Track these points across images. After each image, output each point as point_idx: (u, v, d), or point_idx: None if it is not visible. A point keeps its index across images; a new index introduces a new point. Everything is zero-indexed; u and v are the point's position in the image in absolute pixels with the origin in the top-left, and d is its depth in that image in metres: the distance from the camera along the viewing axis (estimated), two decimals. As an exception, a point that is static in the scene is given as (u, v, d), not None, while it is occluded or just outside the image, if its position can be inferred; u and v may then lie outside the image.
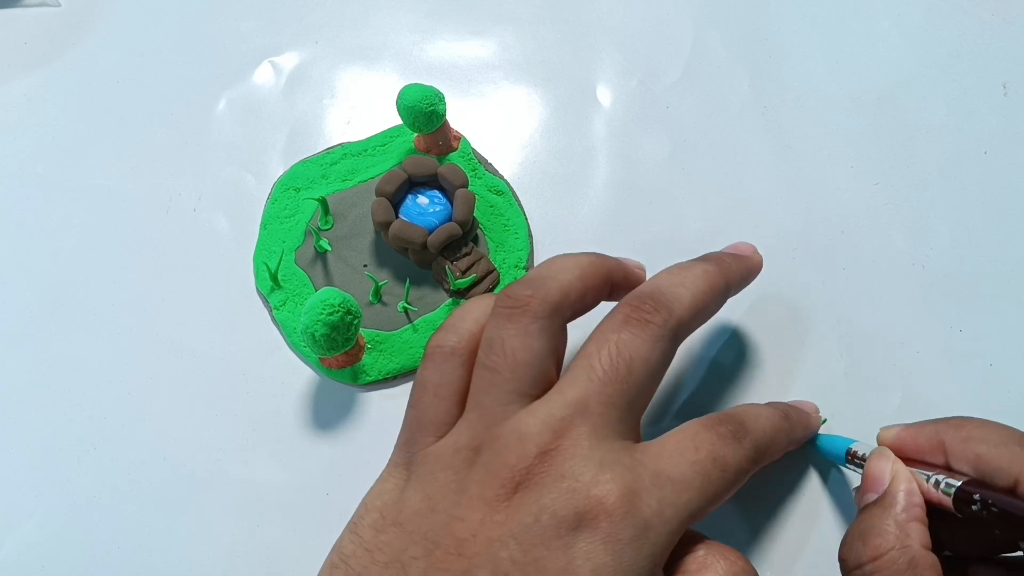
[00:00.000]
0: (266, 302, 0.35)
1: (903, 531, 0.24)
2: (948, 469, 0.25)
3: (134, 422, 0.33)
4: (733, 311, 0.35)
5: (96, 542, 0.31)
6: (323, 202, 0.35)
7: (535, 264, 0.36)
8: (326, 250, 0.35)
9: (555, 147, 0.38)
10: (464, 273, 0.34)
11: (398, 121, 0.37)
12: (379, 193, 0.34)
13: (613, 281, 0.28)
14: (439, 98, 0.35)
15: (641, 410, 0.25)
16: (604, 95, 0.40)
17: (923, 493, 0.25)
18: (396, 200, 0.35)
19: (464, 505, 0.23)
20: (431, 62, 0.40)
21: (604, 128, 0.39)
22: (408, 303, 0.34)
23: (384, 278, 0.35)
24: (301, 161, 0.37)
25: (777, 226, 0.37)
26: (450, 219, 0.34)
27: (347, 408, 0.33)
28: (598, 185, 0.38)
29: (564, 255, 0.27)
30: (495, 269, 0.35)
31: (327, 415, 0.33)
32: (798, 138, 0.39)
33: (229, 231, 0.36)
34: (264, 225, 0.36)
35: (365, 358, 0.34)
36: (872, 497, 0.26)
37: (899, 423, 0.28)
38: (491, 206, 0.36)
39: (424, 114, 0.34)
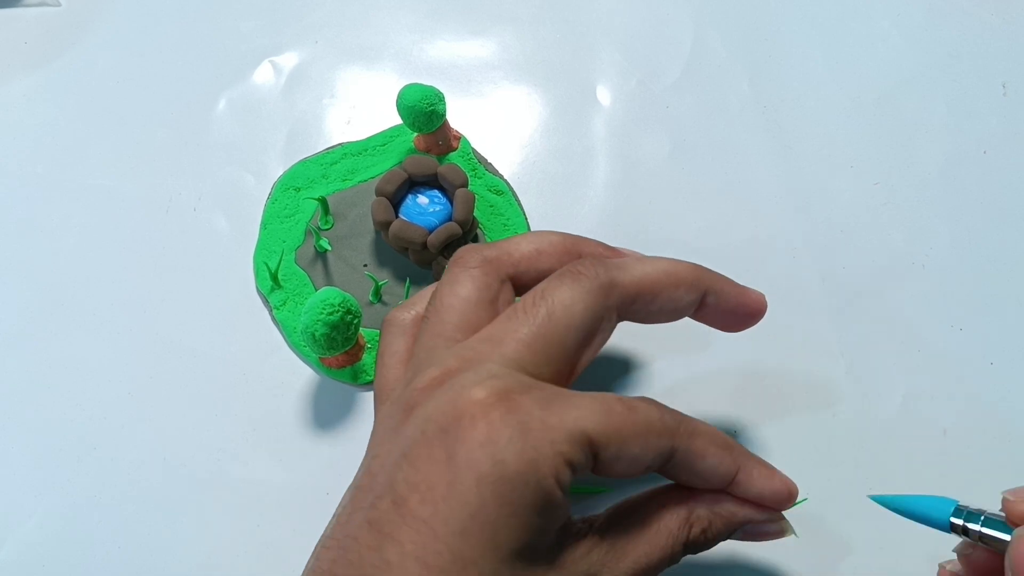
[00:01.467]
0: (266, 302, 0.35)
1: None
2: None
3: (134, 422, 0.33)
4: (733, 311, 0.35)
5: (96, 542, 0.31)
6: (323, 202, 0.35)
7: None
8: (326, 250, 0.35)
9: (555, 147, 0.38)
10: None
11: (398, 121, 0.37)
12: (379, 193, 0.34)
13: (582, 252, 0.27)
14: (439, 98, 0.35)
15: (564, 363, 0.24)
16: (604, 95, 0.40)
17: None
18: (396, 200, 0.35)
19: (376, 441, 0.24)
20: (431, 62, 0.40)
21: (604, 128, 0.39)
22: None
23: (384, 278, 0.35)
24: (301, 161, 0.37)
25: (777, 226, 0.37)
26: (450, 219, 0.34)
27: (347, 408, 0.33)
28: (598, 185, 0.38)
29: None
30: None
31: (327, 415, 0.33)
32: (798, 138, 0.39)
33: (229, 231, 0.36)
34: (264, 225, 0.36)
35: (365, 357, 0.34)
36: None
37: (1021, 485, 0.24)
38: (491, 206, 0.36)
39: (424, 114, 0.34)
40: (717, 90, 0.40)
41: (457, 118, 0.39)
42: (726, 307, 0.27)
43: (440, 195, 0.35)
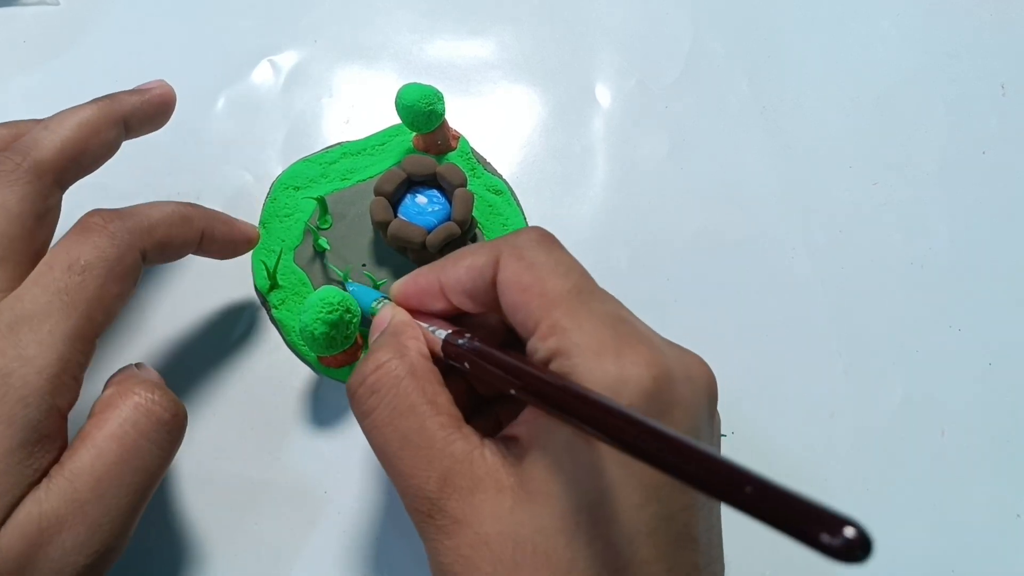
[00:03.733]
0: (264, 301, 0.35)
1: (400, 345, 0.25)
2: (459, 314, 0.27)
3: (132, 421, 0.33)
4: (733, 310, 0.35)
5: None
6: (322, 201, 0.35)
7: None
8: (325, 249, 0.35)
9: (554, 146, 0.38)
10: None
11: (397, 120, 0.37)
12: (378, 192, 0.34)
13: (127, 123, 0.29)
14: (438, 97, 0.35)
15: (21, 264, 0.25)
16: (603, 95, 0.40)
17: (429, 344, 0.26)
18: (395, 199, 0.35)
19: None
20: (430, 61, 0.40)
21: (603, 127, 0.39)
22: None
23: (383, 277, 0.35)
24: (300, 160, 0.37)
25: (776, 226, 0.37)
26: (449, 219, 0.34)
27: (345, 407, 0.33)
28: (597, 184, 0.38)
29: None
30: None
31: (326, 414, 0.33)
32: (797, 138, 0.39)
33: (228, 230, 0.36)
34: (263, 224, 0.36)
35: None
36: (376, 335, 0.27)
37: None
38: (490, 206, 0.36)
39: (423, 113, 0.34)
40: (716, 90, 0.40)
41: (456, 118, 0.39)
42: (223, 240, 0.31)
43: (439, 195, 0.35)
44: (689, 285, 0.36)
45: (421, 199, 0.35)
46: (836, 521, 0.13)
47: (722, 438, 0.33)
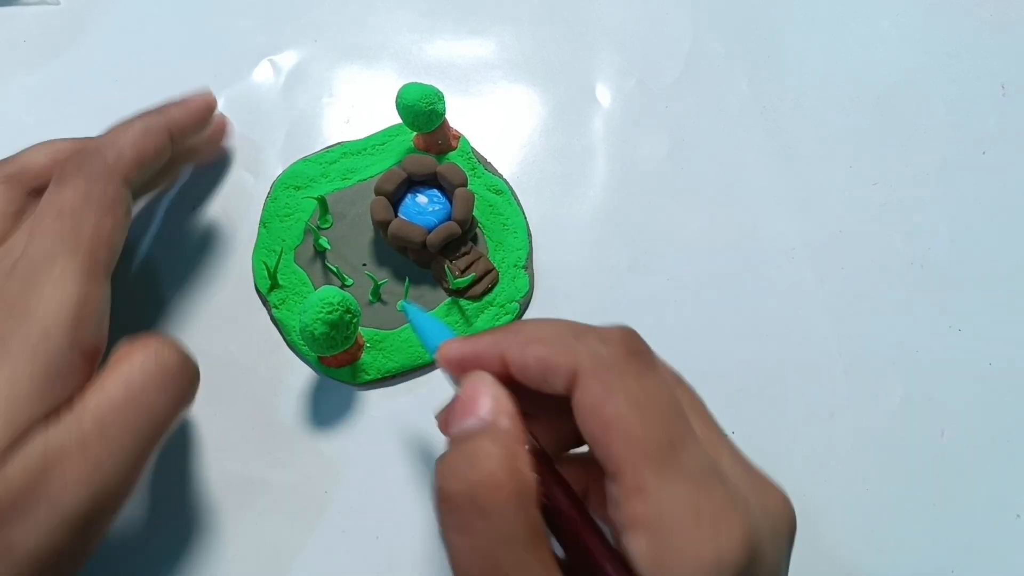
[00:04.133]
0: (265, 301, 0.35)
1: (512, 460, 0.21)
2: (512, 380, 0.23)
3: (133, 421, 0.33)
4: (733, 309, 0.35)
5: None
6: (322, 201, 0.35)
7: (534, 263, 0.36)
8: (326, 248, 0.35)
9: (554, 146, 0.39)
10: (463, 272, 0.34)
11: (397, 120, 0.37)
12: (378, 192, 0.34)
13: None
14: (439, 97, 0.35)
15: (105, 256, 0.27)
16: (603, 94, 0.40)
17: None
18: (395, 199, 0.35)
19: None
20: (430, 61, 0.40)
21: (603, 127, 0.39)
22: (407, 302, 0.34)
23: (383, 277, 0.35)
24: (300, 159, 0.37)
25: (775, 226, 0.37)
26: (449, 218, 0.34)
27: (346, 407, 0.33)
28: (597, 184, 0.38)
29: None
30: (494, 268, 0.35)
31: (326, 414, 0.33)
32: (797, 138, 0.39)
33: (228, 229, 0.36)
34: (263, 223, 0.36)
35: (364, 357, 0.34)
36: (472, 422, 0.22)
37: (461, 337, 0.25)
38: (490, 205, 0.36)
39: (424, 113, 0.34)
40: (716, 90, 0.40)
41: (456, 117, 0.39)
42: (188, 123, 0.32)
43: (439, 194, 0.35)
44: (689, 285, 0.36)
45: (422, 199, 0.35)
46: None
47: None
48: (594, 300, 0.35)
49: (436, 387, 0.34)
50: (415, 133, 0.37)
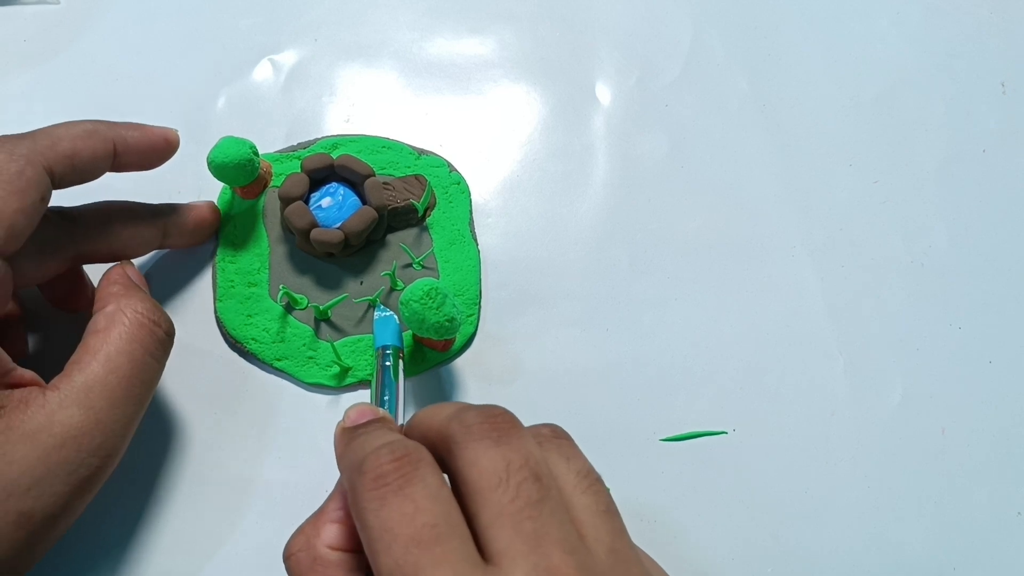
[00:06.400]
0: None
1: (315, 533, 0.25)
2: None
3: (133, 420, 0.33)
4: (733, 309, 0.35)
5: (94, 540, 0.31)
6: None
7: (532, 263, 0.36)
8: (302, 307, 0.34)
9: (554, 145, 0.39)
10: (404, 203, 0.35)
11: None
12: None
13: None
14: (253, 150, 0.34)
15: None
16: (603, 93, 0.40)
17: None
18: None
19: None
20: (430, 60, 0.40)
21: (603, 126, 0.39)
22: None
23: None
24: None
25: (775, 224, 0.37)
26: (357, 207, 0.34)
27: (346, 407, 0.33)
28: (597, 183, 0.38)
29: None
30: (424, 181, 0.36)
31: (326, 414, 0.33)
32: (796, 136, 0.39)
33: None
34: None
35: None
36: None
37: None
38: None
39: (243, 168, 0.33)
40: (716, 89, 0.40)
41: (456, 116, 0.39)
42: (138, 148, 0.31)
43: (339, 187, 0.35)
44: (689, 284, 0.36)
45: (326, 201, 0.34)
46: None
47: (723, 435, 0.33)
48: (594, 299, 0.35)
49: (436, 387, 0.34)
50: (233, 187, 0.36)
